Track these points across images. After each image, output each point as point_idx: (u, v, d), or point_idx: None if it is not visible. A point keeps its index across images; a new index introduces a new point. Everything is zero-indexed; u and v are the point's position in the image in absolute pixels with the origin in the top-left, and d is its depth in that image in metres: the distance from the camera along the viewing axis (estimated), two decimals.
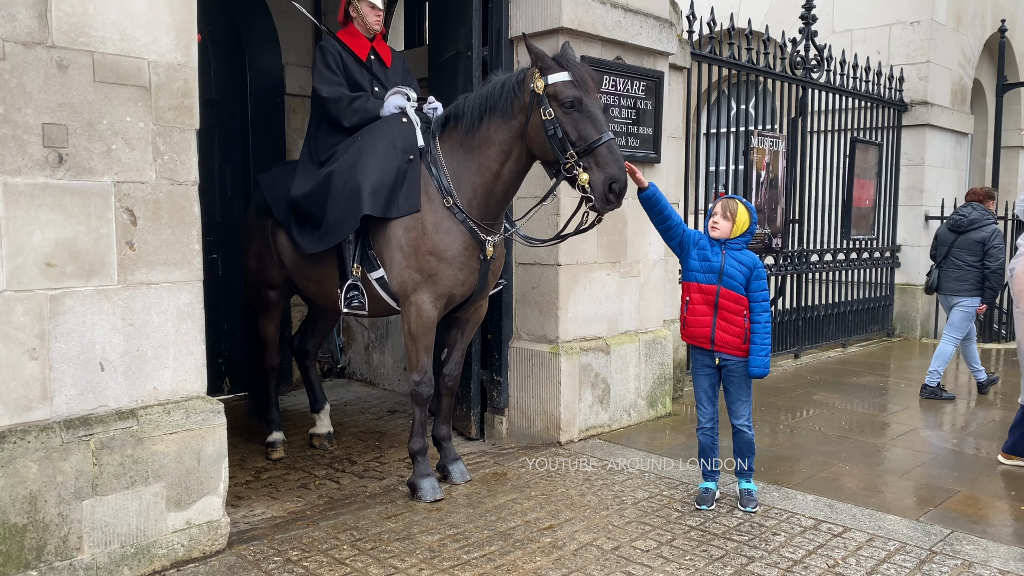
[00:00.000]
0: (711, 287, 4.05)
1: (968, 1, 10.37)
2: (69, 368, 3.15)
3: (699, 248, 4.10)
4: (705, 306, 4.07)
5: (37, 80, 3.02)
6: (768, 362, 4.08)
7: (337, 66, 4.49)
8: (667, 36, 5.66)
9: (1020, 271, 4.71)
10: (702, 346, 4.13)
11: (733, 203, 4.07)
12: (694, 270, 4.11)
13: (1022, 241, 4.80)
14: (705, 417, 4.23)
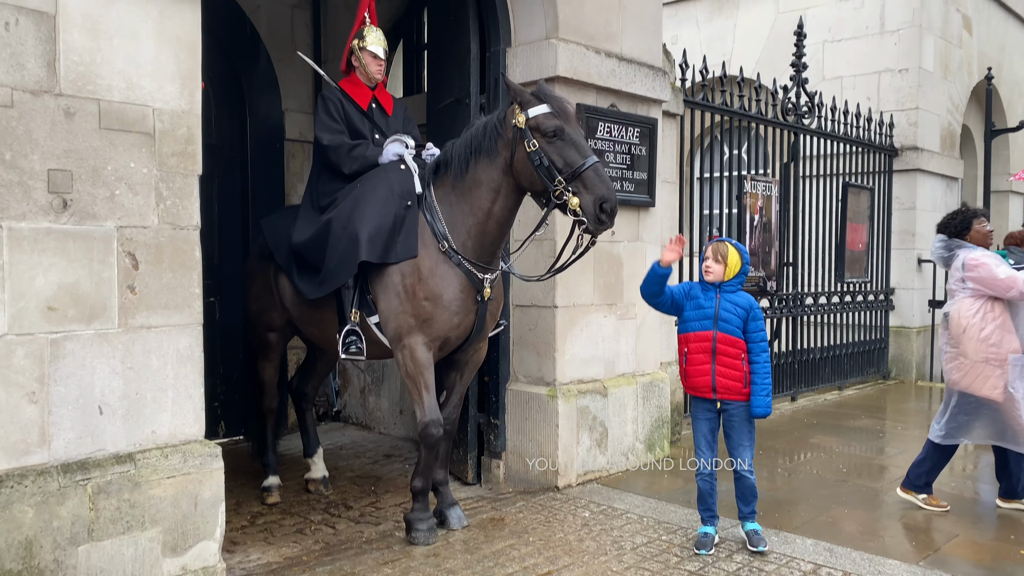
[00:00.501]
0: (707, 332, 4.06)
1: (954, 50, 10.60)
2: (68, 412, 3.15)
3: (691, 298, 4.13)
4: (703, 354, 4.08)
5: (44, 127, 3.07)
6: (770, 402, 4.08)
7: (338, 114, 4.58)
8: (660, 84, 5.77)
9: (954, 315, 4.77)
10: (704, 396, 4.12)
11: (723, 246, 4.10)
12: (689, 320, 4.13)
13: (955, 286, 4.85)
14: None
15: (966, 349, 4.69)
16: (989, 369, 4.62)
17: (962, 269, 4.73)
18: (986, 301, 4.66)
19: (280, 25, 6.96)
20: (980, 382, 4.65)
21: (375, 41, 4.70)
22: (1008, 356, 4.60)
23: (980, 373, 4.64)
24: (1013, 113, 12.49)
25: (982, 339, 4.63)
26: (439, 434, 4.20)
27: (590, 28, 5.30)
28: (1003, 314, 4.66)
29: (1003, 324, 4.64)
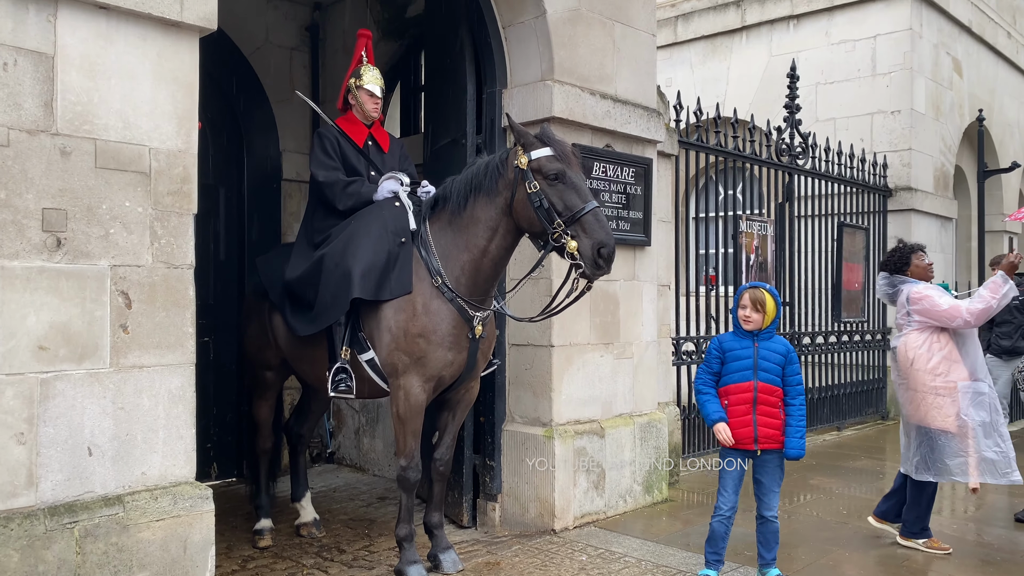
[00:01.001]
0: (747, 384, 4.02)
1: (945, 92, 10.74)
2: (56, 453, 3.10)
3: (730, 352, 4.08)
4: (744, 405, 4.02)
5: (39, 166, 3.07)
6: (804, 443, 4.03)
7: (334, 151, 4.60)
8: (655, 125, 5.82)
9: (902, 349, 4.83)
10: (745, 447, 4.05)
11: (760, 293, 4.06)
12: (728, 373, 4.07)
13: (901, 320, 4.90)
14: (727, 506, 4.12)
15: (915, 382, 4.75)
16: (939, 400, 4.66)
17: (907, 303, 4.81)
18: (932, 333, 4.72)
19: (278, 67, 7.03)
20: (933, 413, 4.68)
21: (372, 80, 4.74)
22: (957, 385, 4.63)
23: (932, 404, 4.68)
24: (1005, 154, 12.61)
25: (929, 370, 4.68)
26: (416, 478, 4.19)
27: (585, 70, 5.36)
28: (949, 344, 4.71)
29: (949, 354, 4.69)
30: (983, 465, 4.59)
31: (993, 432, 4.62)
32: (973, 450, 4.59)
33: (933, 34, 10.41)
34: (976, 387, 4.63)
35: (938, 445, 4.65)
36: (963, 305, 4.61)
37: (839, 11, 10.38)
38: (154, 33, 3.36)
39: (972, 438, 4.59)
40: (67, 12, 3.14)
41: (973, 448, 4.59)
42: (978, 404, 4.61)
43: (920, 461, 4.73)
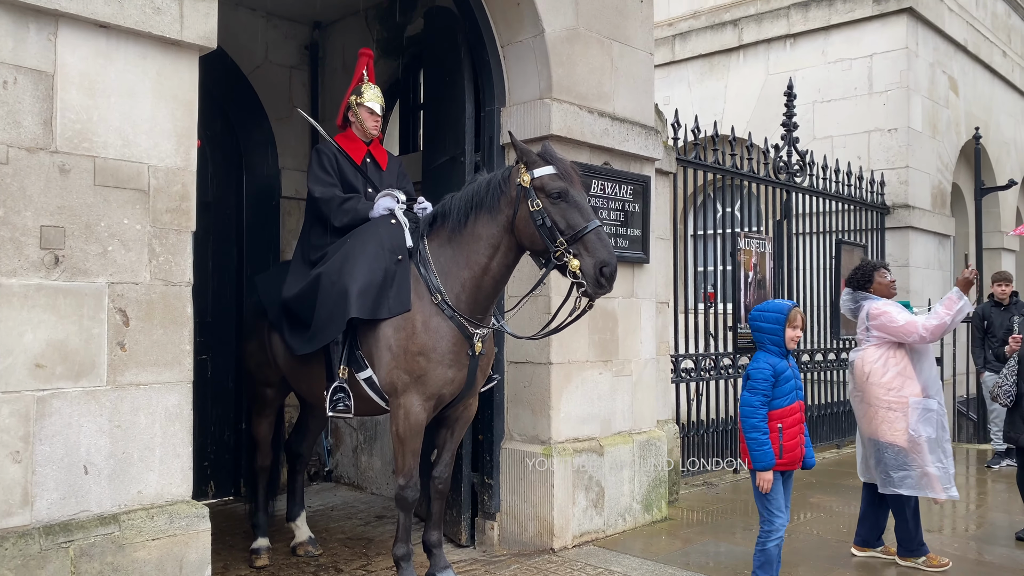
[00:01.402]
0: (798, 404, 4.12)
1: (942, 110, 10.80)
2: (52, 471, 3.08)
3: (782, 374, 4.09)
4: (797, 426, 4.09)
5: (38, 184, 3.08)
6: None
7: (332, 168, 4.61)
8: (653, 143, 5.84)
9: (859, 363, 4.91)
10: (792, 468, 4.11)
11: (800, 311, 4.17)
12: (779, 396, 4.07)
13: (861, 335, 4.98)
14: (784, 525, 4.11)
15: (869, 396, 4.82)
16: (891, 414, 4.73)
17: (867, 319, 4.89)
18: (888, 348, 4.81)
19: (278, 86, 7.07)
20: (885, 427, 4.76)
21: (372, 97, 4.76)
22: (908, 400, 4.71)
23: (884, 419, 4.76)
24: (1002, 171, 12.66)
25: (882, 384, 4.76)
26: (415, 497, 4.17)
27: (583, 88, 5.39)
28: (904, 360, 4.79)
29: (903, 370, 4.77)
30: (924, 480, 4.69)
31: (938, 448, 4.71)
32: (919, 464, 4.68)
33: (929, 53, 10.48)
34: (926, 403, 4.73)
35: (885, 457, 4.75)
36: (919, 321, 4.70)
37: (835, 30, 10.45)
38: (154, 51, 3.38)
39: (919, 453, 4.68)
40: (67, 31, 3.16)
41: (919, 462, 4.68)
42: (926, 420, 4.71)
43: (879, 474, 4.83)
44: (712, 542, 5.36)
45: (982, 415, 9.74)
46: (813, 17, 10.57)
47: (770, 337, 4.13)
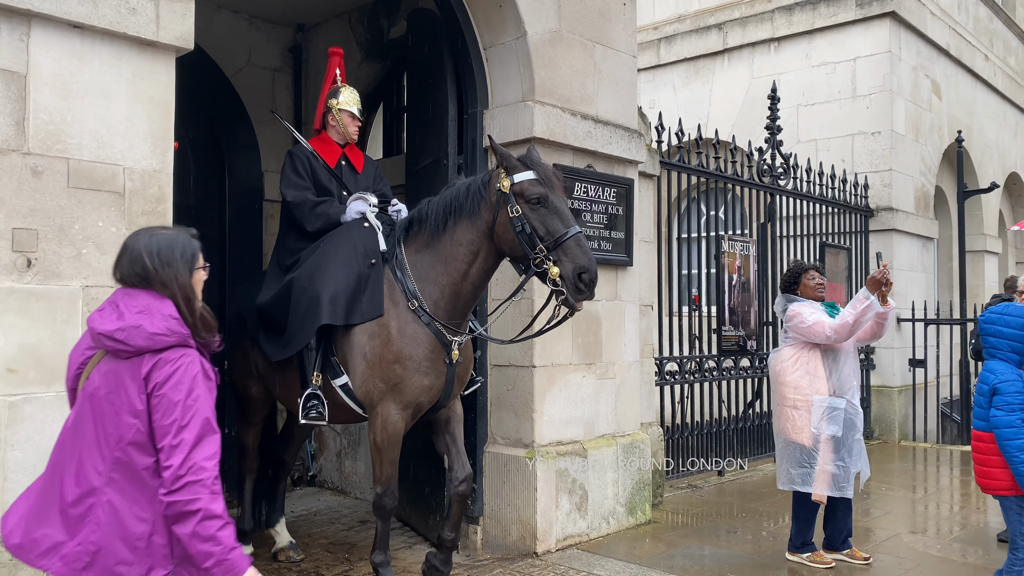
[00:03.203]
0: None
1: (925, 113, 10.86)
2: (24, 478, 3.03)
3: None
4: None
5: (10, 185, 3.04)
6: None
7: (305, 171, 4.56)
8: (636, 145, 5.84)
9: (772, 363, 5.01)
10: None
11: None
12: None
13: (782, 336, 5.07)
14: None
15: (779, 396, 4.92)
16: (795, 414, 4.81)
17: (785, 320, 4.99)
18: (801, 348, 4.89)
19: (261, 88, 7.03)
20: (789, 426, 4.83)
21: (351, 100, 4.73)
22: (812, 399, 4.78)
23: (788, 418, 4.84)
24: (984, 175, 12.75)
25: (789, 384, 4.85)
26: (393, 506, 4.13)
27: (566, 91, 5.38)
28: (815, 360, 4.85)
29: (812, 370, 4.84)
30: (821, 477, 4.74)
31: (842, 447, 4.76)
32: (818, 462, 4.74)
33: (912, 57, 10.54)
34: (832, 402, 4.78)
35: (787, 454, 4.83)
36: (827, 321, 4.76)
37: (819, 34, 10.50)
38: (129, 52, 3.35)
39: (823, 451, 4.74)
40: (40, 31, 3.12)
41: (819, 460, 4.74)
42: (832, 419, 4.77)
43: (785, 475, 4.89)
44: (696, 545, 5.35)
45: (965, 417, 9.79)
46: (797, 21, 10.62)
47: (1012, 344, 3.82)
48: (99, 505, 2.10)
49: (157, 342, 2.11)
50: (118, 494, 2.10)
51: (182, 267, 2.22)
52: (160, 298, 2.17)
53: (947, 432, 10.40)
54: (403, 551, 5.14)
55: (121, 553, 2.09)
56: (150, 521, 2.10)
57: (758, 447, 8.10)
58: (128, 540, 2.09)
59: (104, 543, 2.09)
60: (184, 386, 2.09)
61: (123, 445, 2.10)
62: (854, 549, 4.99)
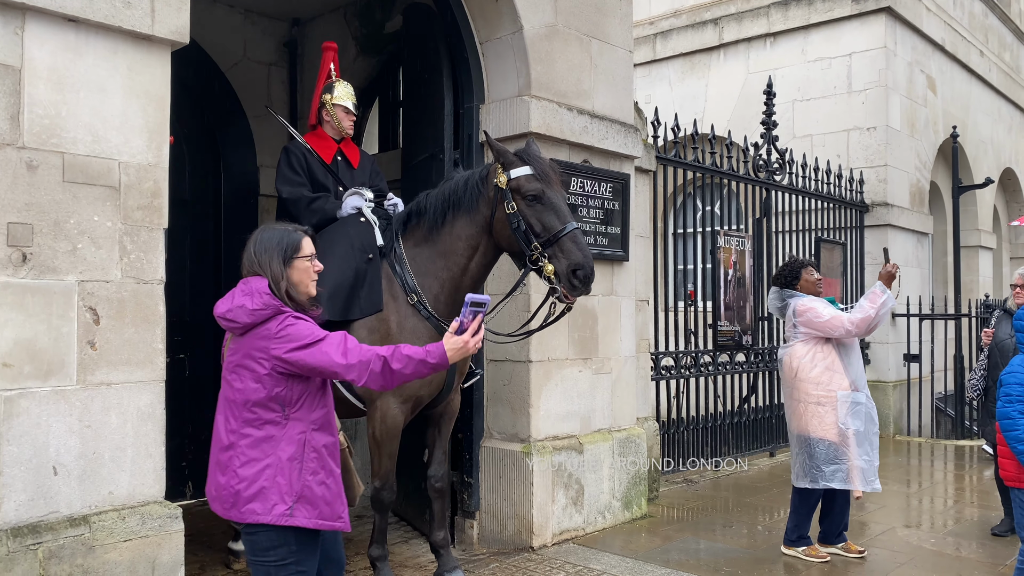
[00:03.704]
0: None
1: (920, 109, 10.88)
2: (20, 472, 3.03)
3: None
4: None
5: (5, 180, 3.03)
6: None
7: (301, 167, 4.55)
8: (632, 140, 5.84)
9: (787, 360, 4.97)
10: None
11: None
12: None
13: (789, 332, 5.05)
14: None
15: (799, 392, 4.87)
16: (821, 410, 4.78)
17: (794, 316, 4.94)
18: (816, 344, 4.88)
19: (256, 82, 7.00)
20: (815, 423, 4.80)
21: (346, 95, 4.72)
22: (837, 394, 4.77)
23: (814, 415, 4.81)
24: (979, 170, 12.78)
25: (811, 380, 4.82)
26: (391, 500, 4.14)
27: (562, 86, 5.37)
28: (831, 355, 4.85)
29: (831, 365, 4.83)
30: (852, 473, 4.75)
31: (865, 441, 4.79)
32: (848, 457, 4.74)
33: (907, 52, 10.55)
34: (854, 397, 4.81)
35: (816, 452, 4.78)
36: (844, 316, 4.78)
37: (815, 29, 10.50)
38: (124, 46, 3.33)
39: (848, 446, 4.74)
40: (35, 25, 3.11)
41: (849, 455, 4.74)
42: (855, 413, 4.78)
43: (799, 469, 4.86)
44: (692, 539, 5.37)
45: (960, 411, 9.83)
46: (793, 16, 10.62)
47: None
48: (235, 456, 2.59)
49: (258, 316, 2.59)
50: (248, 447, 2.58)
51: (277, 255, 2.68)
52: (261, 279, 2.65)
53: (941, 427, 10.44)
54: (399, 545, 5.15)
55: (251, 493, 2.56)
56: (274, 467, 2.57)
57: (753, 442, 8.12)
58: (257, 483, 2.56)
59: (240, 487, 2.57)
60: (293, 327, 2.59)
61: (249, 406, 2.59)
62: (849, 543, 5.01)
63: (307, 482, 2.59)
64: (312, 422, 2.64)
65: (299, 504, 2.57)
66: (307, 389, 2.64)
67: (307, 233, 2.81)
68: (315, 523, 2.60)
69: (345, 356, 2.56)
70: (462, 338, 2.65)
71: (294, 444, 2.59)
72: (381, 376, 2.56)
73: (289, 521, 2.56)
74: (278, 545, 2.59)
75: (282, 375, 2.59)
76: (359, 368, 2.55)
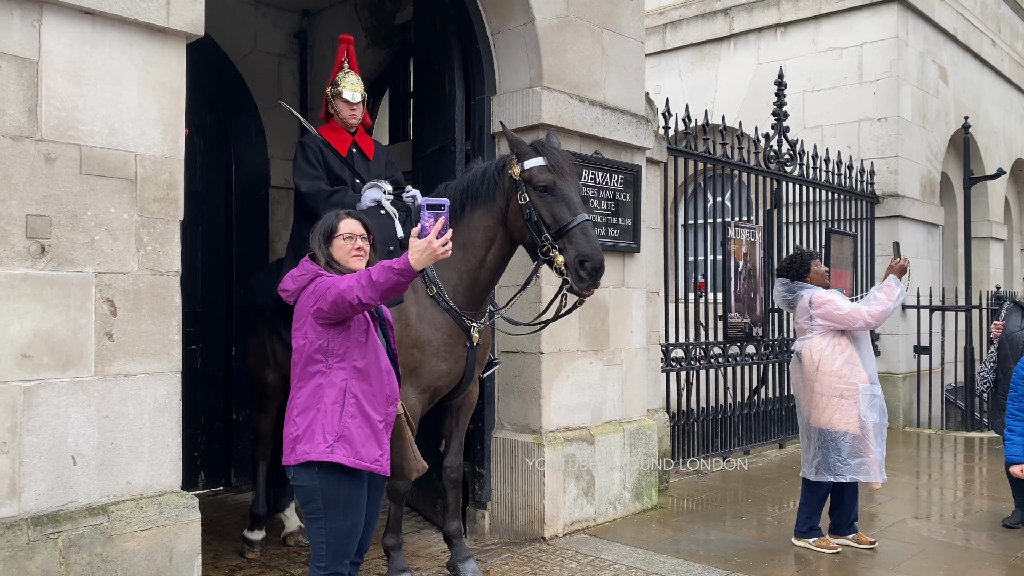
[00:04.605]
0: None
1: (931, 99, 10.82)
2: (40, 462, 3.06)
3: None
4: None
5: (23, 172, 3.05)
6: None
7: (317, 160, 4.56)
8: (644, 132, 5.83)
9: (807, 353, 4.95)
10: None
11: None
12: None
13: (804, 324, 5.04)
14: None
15: (821, 385, 4.86)
16: (844, 403, 4.79)
17: (810, 307, 4.93)
18: (834, 336, 4.88)
19: (266, 74, 7.01)
20: (838, 416, 4.79)
21: (348, 86, 4.70)
22: (858, 387, 4.78)
23: (837, 408, 4.80)
24: (991, 161, 12.71)
25: (833, 373, 4.82)
26: (407, 489, 4.16)
27: (573, 77, 5.37)
28: (849, 347, 4.87)
29: (850, 357, 4.85)
30: (874, 465, 4.77)
31: (879, 434, 4.82)
32: (871, 450, 4.76)
33: (919, 42, 10.49)
34: (873, 389, 4.84)
35: (842, 446, 4.78)
36: (863, 308, 4.80)
37: (826, 19, 10.44)
38: (140, 39, 3.34)
39: (869, 439, 4.76)
40: (52, 18, 3.12)
41: (871, 448, 4.76)
42: (873, 406, 4.81)
43: (821, 463, 4.84)
44: (703, 530, 5.39)
45: (970, 403, 9.82)
46: (804, 6, 10.56)
47: None
48: (294, 407, 2.98)
49: (299, 281, 3.01)
50: (302, 398, 2.95)
51: (319, 235, 3.11)
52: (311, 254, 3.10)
53: (951, 419, 10.43)
54: (411, 535, 5.18)
55: (301, 434, 2.91)
56: (321, 411, 2.91)
57: (763, 433, 8.13)
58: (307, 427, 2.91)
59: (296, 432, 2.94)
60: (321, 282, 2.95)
61: (303, 362, 2.97)
62: (860, 534, 5.02)
63: (347, 424, 2.89)
64: (353, 370, 2.93)
65: (339, 443, 2.87)
66: (348, 341, 2.94)
67: (352, 216, 3.14)
68: (353, 462, 2.87)
69: (344, 282, 2.87)
70: (424, 240, 2.78)
71: (335, 389, 2.91)
72: (370, 287, 2.79)
73: (330, 457, 2.85)
74: (323, 484, 2.89)
75: (323, 327, 2.92)
76: (354, 286, 2.82)
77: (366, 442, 2.92)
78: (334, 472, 2.89)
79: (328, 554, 2.95)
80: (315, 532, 2.98)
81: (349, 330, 2.95)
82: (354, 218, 3.13)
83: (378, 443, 2.96)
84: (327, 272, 3.01)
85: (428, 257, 2.79)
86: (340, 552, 2.97)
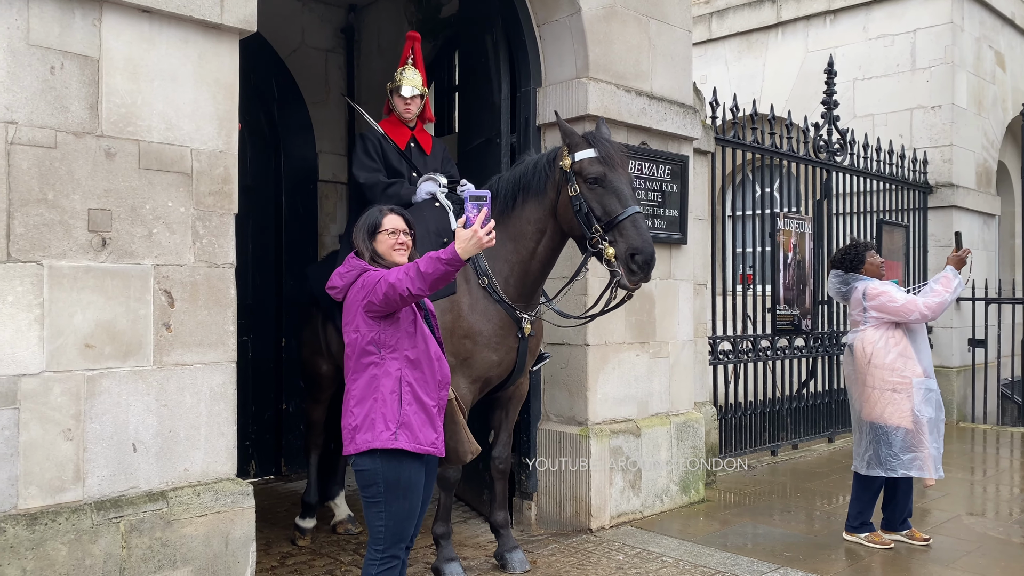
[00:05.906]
0: None
1: (988, 86, 10.52)
2: (102, 449, 3.16)
3: None
4: None
5: (85, 167, 3.14)
6: None
7: (376, 153, 4.63)
8: (691, 122, 5.78)
9: (859, 345, 4.85)
10: None
11: None
12: None
13: (857, 316, 4.94)
14: None
15: (873, 379, 4.77)
16: (897, 397, 4.70)
17: (864, 299, 4.84)
18: (887, 329, 4.79)
19: (314, 69, 7.10)
20: (891, 411, 4.71)
21: (406, 82, 4.77)
22: (912, 381, 4.69)
23: (889, 402, 4.71)
24: None
25: (886, 366, 4.73)
26: (457, 478, 4.19)
27: (620, 67, 5.34)
28: (903, 340, 4.77)
29: (904, 351, 4.75)
30: (928, 461, 4.68)
31: (935, 429, 4.72)
32: (925, 445, 4.66)
33: (975, 27, 10.20)
34: (928, 384, 4.74)
35: (894, 441, 4.69)
36: (919, 300, 4.70)
37: (877, 5, 10.20)
38: (195, 35, 3.41)
39: (923, 434, 4.66)
40: (111, 16, 3.20)
41: (924, 443, 4.66)
42: (928, 400, 4.71)
43: (872, 457, 4.77)
44: (750, 524, 5.34)
45: None
46: None
47: None
48: (350, 398, 3.06)
49: (347, 278, 3.09)
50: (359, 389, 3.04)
51: (362, 231, 3.18)
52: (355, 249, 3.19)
53: (1007, 414, 10.16)
54: (458, 524, 5.23)
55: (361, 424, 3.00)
56: (379, 401, 2.99)
57: (812, 427, 8.02)
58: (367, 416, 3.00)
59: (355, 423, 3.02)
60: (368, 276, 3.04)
61: (356, 354, 3.05)
62: (913, 530, 4.93)
63: (405, 411, 3.00)
64: (405, 360, 3.02)
65: (400, 430, 2.97)
66: (398, 332, 3.03)
67: (395, 212, 3.21)
68: (414, 447, 2.98)
69: (393, 275, 2.94)
70: (470, 230, 2.86)
71: (391, 379, 3.00)
72: (419, 278, 2.87)
73: (394, 444, 2.95)
74: (385, 469, 2.98)
75: (373, 320, 3.00)
76: (403, 279, 2.90)
77: (423, 427, 3.02)
78: (396, 456, 2.99)
79: (387, 536, 3.03)
80: (374, 516, 3.04)
81: (398, 322, 3.03)
82: (396, 214, 3.20)
83: (433, 427, 3.06)
84: (372, 267, 3.08)
85: (474, 246, 2.86)
86: (398, 535, 3.04)
